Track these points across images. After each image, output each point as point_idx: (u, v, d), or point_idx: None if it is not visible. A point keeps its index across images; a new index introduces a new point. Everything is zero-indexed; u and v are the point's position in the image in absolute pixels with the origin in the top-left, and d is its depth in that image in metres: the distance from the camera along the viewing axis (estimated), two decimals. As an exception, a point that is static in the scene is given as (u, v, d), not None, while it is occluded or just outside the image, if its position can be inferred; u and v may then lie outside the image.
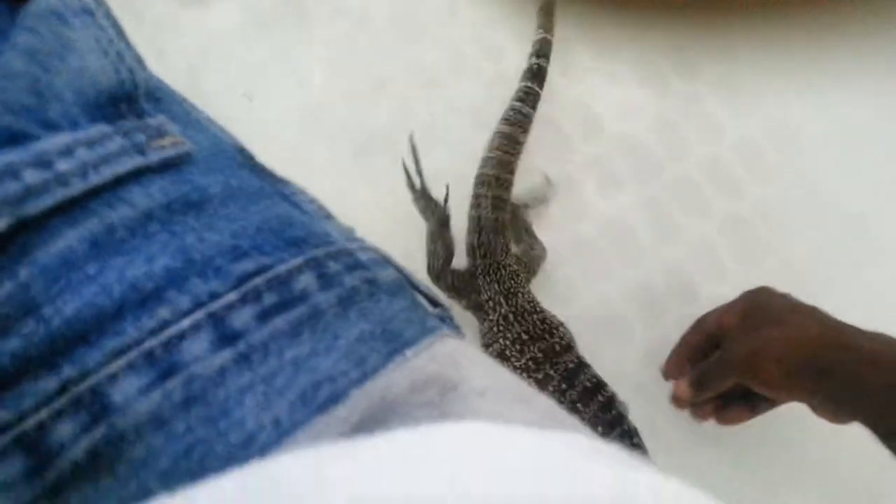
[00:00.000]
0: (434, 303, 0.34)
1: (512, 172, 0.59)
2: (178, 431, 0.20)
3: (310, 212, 0.30)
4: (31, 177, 0.21)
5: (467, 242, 0.58)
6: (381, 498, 0.17)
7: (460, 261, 0.58)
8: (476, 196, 0.58)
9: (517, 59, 0.65)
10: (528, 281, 0.58)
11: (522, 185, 0.62)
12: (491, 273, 0.56)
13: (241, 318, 0.23)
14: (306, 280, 0.25)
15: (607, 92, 0.70)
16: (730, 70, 0.72)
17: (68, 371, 0.20)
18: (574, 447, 0.21)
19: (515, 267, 0.57)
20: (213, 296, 0.23)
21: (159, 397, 0.21)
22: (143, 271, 0.22)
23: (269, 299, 0.24)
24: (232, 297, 0.23)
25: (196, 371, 0.21)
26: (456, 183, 0.57)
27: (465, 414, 0.24)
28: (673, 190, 0.68)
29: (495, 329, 0.54)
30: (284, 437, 0.21)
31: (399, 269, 0.33)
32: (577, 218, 0.66)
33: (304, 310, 0.24)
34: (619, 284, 0.64)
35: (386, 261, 0.31)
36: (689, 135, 0.70)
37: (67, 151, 0.22)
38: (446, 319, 0.33)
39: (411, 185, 0.58)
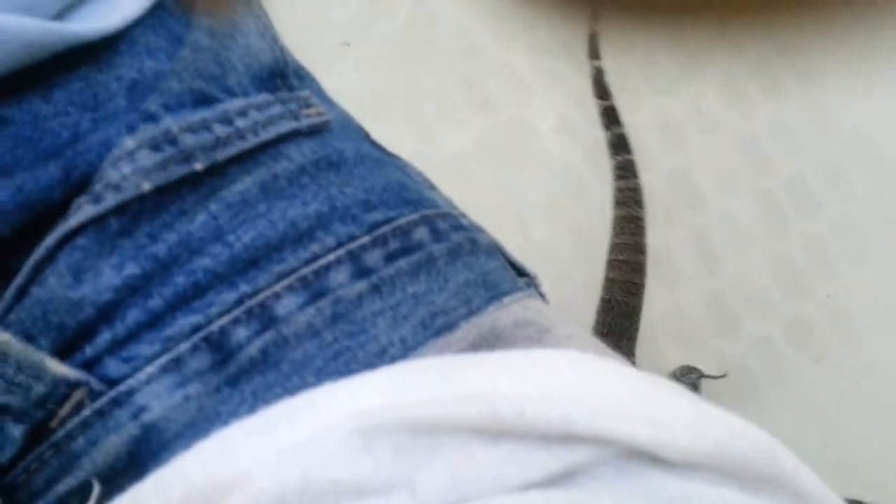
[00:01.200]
0: (521, 272, 0.38)
1: (642, 251, 0.58)
2: (328, 340, 0.25)
3: (418, 181, 0.34)
4: (219, 130, 0.26)
5: (595, 322, 0.57)
6: (501, 388, 0.22)
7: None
8: (608, 280, 0.58)
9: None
10: None
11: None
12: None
13: (373, 257, 0.27)
14: (422, 232, 0.29)
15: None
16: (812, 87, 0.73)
17: (244, 287, 0.25)
18: (658, 382, 0.25)
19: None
20: (351, 237, 0.27)
21: (314, 312, 0.25)
22: (299, 212, 0.27)
23: (394, 244, 0.28)
24: (366, 239, 0.27)
25: (341, 294, 0.26)
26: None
27: (562, 348, 0.28)
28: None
29: None
30: (410, 351, 0.26)
31: (494, 239, 0.37)
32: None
33: (422, 256, 0.28)
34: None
35: (482, 229, 0.35)
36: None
37: (243, 112, 0.27)
38: (532, 286, 0.37)
39: None
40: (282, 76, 0.30)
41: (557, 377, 0.23)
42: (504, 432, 0.20)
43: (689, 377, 0.58)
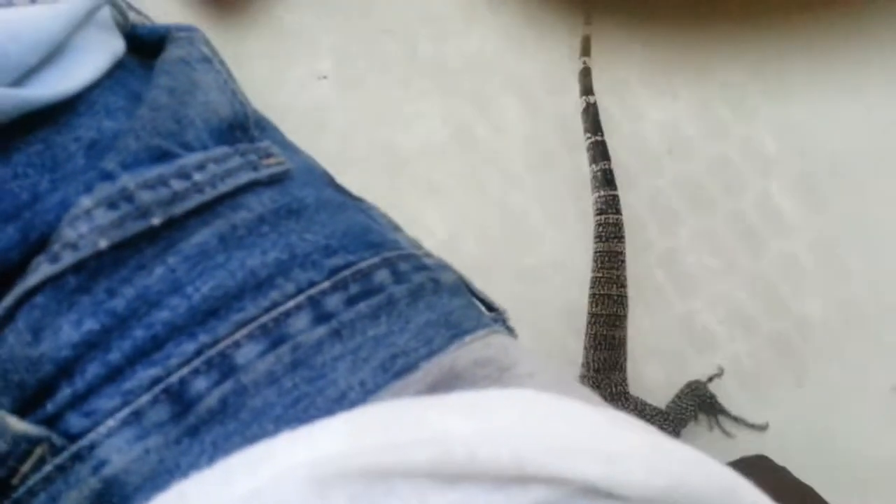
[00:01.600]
0: (489, 307, 0.38)
1: (623, 285, 0.59)
2: (287, 387, 0.25)
3: (382, 224, 0.35)
4: (176, 185, 0.26)
5: (584, 358, 0.58)
6: (454, 430, 0.22)
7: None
8: (591, 315, 0.59)
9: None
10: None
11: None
12: (602, 389, 0.55)
13: (333, 301, 0.28)
14: (383, 275, 0.30)
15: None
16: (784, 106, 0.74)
17: (203, 338, 0.25)
18: (615, 418, 0.25)
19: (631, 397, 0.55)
20: (311, 283, 0.28)
21: (273, 359, 0.26)
22: (258, 261, 0.27)
23: (354, 288, 0.29)
24: (326, 285, 0.28)
25: (300, 340, 0.26)
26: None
27: (522, 387, 0.28)
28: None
29: None
30: (370, 395, 0.26)
31: (459, 276, 0.38)
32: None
33: (382, 298, 0.29)
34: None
35: (447, 267, 0.36)
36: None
37: (201, 166, 0.27)
38: (500, 321, 0.38)
39: None
40: (242, 128, 0.31)
41: (511, 417, 0.23)
42: (458, 475, 0.21)
43: (698, 391, 0.58)
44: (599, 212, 0.60)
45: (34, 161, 0.25)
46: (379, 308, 0.29)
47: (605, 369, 0.56)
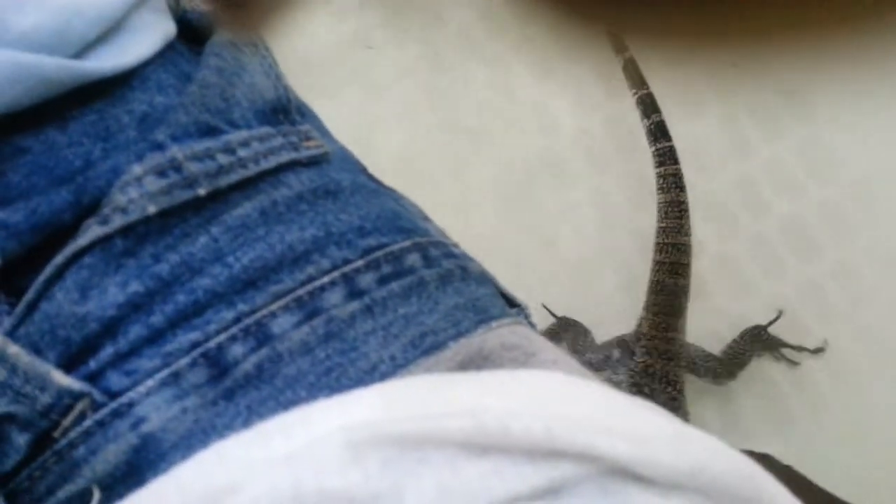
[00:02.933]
0: (512, 303, 0.39)
1: (687, 234, 0.60)
2: (321, 357, 0.26)
3: (412, 211, 0.36)
4: (222, 158, 0.27)
5: (646, 302, 0.60)
6: (487, 404, 0.22)
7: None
8: (656, 262, 0.60)
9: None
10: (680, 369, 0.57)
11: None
12: (658, 332, 0.57)
13: (366, 280, 0.29)
14: (414, 258, 0.31)
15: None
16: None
17: (241, 307, 0.26)
18: (641, 404, 0.26)
19: (679, 350, 0.56)
20: (346, 261, 0.29)
21: (308, 330, 0.26)
22: (296, 237, 0.28)
23: (387, 269, 0.29)
24: (360, 263, 0.29)
25: (334, 314, 0.27)
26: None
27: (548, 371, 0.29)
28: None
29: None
30: (400, 369, 0.26)
31: (484, 270, 0.38)
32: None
33: (413, 279, 0.30)
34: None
35: (473, 259, 0.36)
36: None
37: (245, 143, 0.28)
38: (522, 315, 0.38)
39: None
40: (284, 111, 0.32)
41: (542, 395, 0.23)
42: (490, 447, 0.21)
43: (760, 336, 0.60)
44: (659, 163, 0.61)
45: (88, 130, 0.26)
46: (410, 288, 0.29)
47: (665, 314, 0.57)
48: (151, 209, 0.25)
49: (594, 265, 0.68)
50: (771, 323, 0.62)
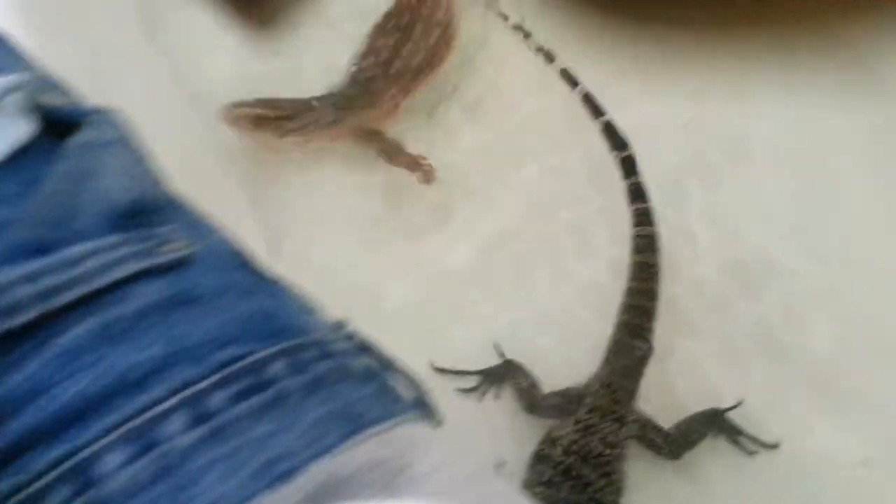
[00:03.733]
0: (414, 390, 0.37)
1: (654, 298, 0.59)
2: (152, 497, 0.24)
3: (292, 307, 0.34)
4: (53, 279, 0.26)
5: (603, 359, 0.58)
6: None
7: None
8: (619, 323, 0.59)
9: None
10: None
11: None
12: (613, 394, 0.55)
13: (216, 400, 0.27)
14: (278, 366, 0.29)
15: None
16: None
17: (61, 448, 0.24)
18: None
19: (632, 420, 0.55)
20: (192, 382, 0.27)
21: (138, 468, 0.24)
22: (135, 359, 0.26)
23: (243, 383, 0.28)
24: (210, 381, 0.27)
25: (168, 448, 0.25)
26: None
27: (411, 494, 0.27)
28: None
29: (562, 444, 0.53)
30: None
31: (380, 358, 0.36)
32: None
33: (273, 393, 0.28)
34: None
35: (363, 350, 0.34)
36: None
37: (85, 257, 0.27)
38: (423, 405, 0.36)
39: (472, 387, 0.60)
40: (145, 212, 0.31)
41: None
42: None
43: (715, 420, 0.58)
44: (635, 224, 0.62)
45: None
46: (266, 405, 0.27)
47: (621, 376, 0.56)
48: None
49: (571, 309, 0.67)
50: (729, 409, 0.60)
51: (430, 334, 0.64)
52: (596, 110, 0.67)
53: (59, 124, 0.32)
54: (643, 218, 0.62)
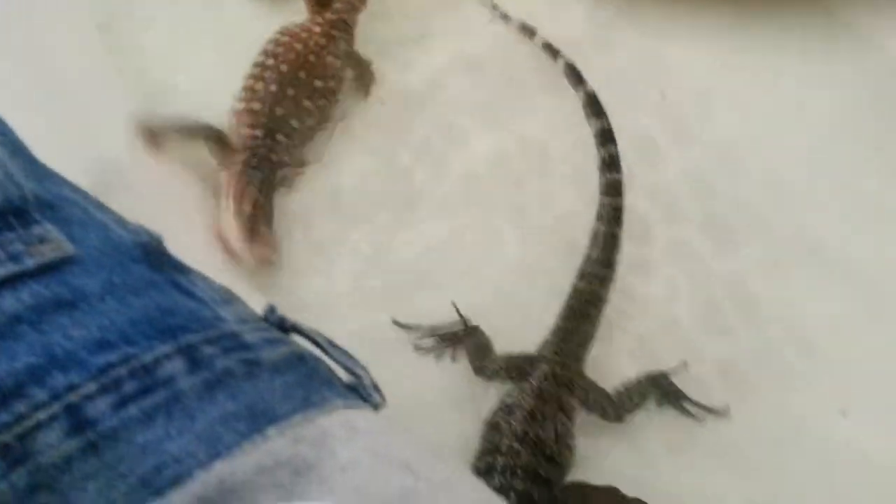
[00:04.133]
0: (351, 372, 0.35)
1: (612, 267, 0.59)
2: None
3: (204, 298, 0.31)
4: None
5: (554, 327, 0.58)
6: None
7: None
8: (575, 289, 0.58)
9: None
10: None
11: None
12: (561, 358, 0.55)
13: (97, 406, 0.25)
14: (173, 366, 0.27)
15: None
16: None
17: None
18: None
19: (582, 384, 0.55)
20: (71, 387, 0.25)
21: (5, 486, 0.22)
22: (4, 370, 0.24)
23: (129, 387, 0.25)
24: (91, 387, 0.25)
25: (42, 460, 0.23)
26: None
27: (317, 495, 0.25)
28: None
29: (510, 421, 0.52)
30: None
31: (313, 343, 0.34)
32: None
33: (164, 395, 0.26)
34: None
35: (283, 339, 0.32)
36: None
37: None
38: (360, 388, 0.34)
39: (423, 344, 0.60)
40: (15, 213, 0.28)
41: None
42: None
43: (660, 383, 0.58)
44: (604, 193, 0.61)
45: None
46: (156, 408, 0.25)
47: (568, 342, 0.57)
48: None
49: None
50: (674, 372, 0.59)
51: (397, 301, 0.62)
52: (578, 79, 0.66)
53: None
54: (614, 189, 0.61)
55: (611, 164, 0.62)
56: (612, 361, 0.60)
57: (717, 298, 0.64)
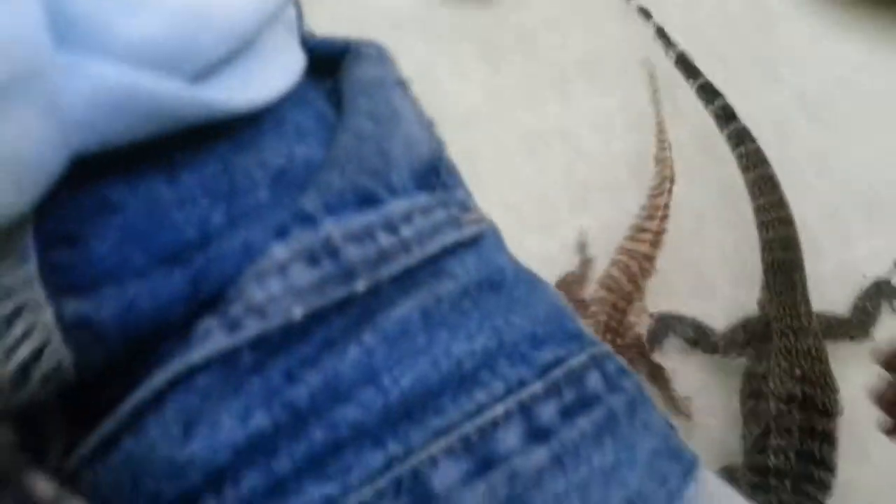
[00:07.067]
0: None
1: (785, 206, 0.58)
2: None
3: (566, 304, 0.28)
4: (384, 240, 0.20)
5: (763, 282, 0.57)
6: None
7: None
8: (765, 241, 0.58)
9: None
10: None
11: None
12: (784, 311, 0.54)
13: (547, 412, 0.21)
14: (595, 379, 0.23)
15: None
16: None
17: (393, 448, 0.19)
18: None
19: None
20: (521, 383, 0.21)
21: (484, 490, 0.19)
22: (464, 348, 0.21)
23: (569, 395, 0.22)
24: (538, 387, 0.21)
25: (517, 467, 0.19)
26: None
27: None
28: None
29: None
30: None
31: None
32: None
33: (602, 412, 0.22)
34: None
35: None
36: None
37: (407, 218, 0.21)
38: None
39: None
40: (436, 172, 0.25)
41: None
42: None
43: (882, 288, 0.59)
44: (735, 145, 0.60)
45: (207, 185, 0.19)
46: (601, 427, 0.22)
47: (788, 292, 0.56)
48: (298, 312, 0.18)
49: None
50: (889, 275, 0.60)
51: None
52: (667, 42, 0.65)
53: (310, 56, 0.27)
54: (742, 137, 0.60)
55: (725, 115, 0.61)
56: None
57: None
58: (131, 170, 0.18)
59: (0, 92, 0.15)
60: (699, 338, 0.57)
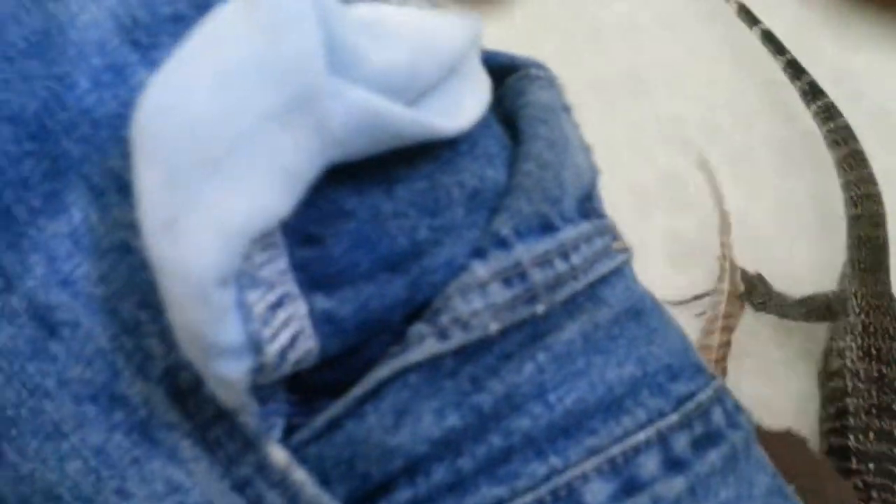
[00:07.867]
0: None
1: (874, 182, 0.57)
2: None
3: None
4: (560, 266, 0.22)
5: (848, 258, 0.56)
6: None
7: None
8: (852, 218, 0.57)
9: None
10: None
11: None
12: (867, 288, 0.53)
13: (681, 442, 0.23)
14: (718, 414, 0.25)
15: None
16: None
17: (553, 460, 0.21)
18: None
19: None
20: (661, 413, 0.23)
21: None
22: (615, 374, 0.23)
23: (698, 429, 0.24)
24: (673, 418, 0.23)
25: (659, 493, 0.21)
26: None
27: None
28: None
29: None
30: None
31: None
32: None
33: (726, 448, 0.24)
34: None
35: None
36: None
37: (576, 246, 0.23)
38: None
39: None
40: (591, 199, 0.27)
41: None
42: None
43: None
44: (823, 121, 0.60)
45: (416, 200, 0.21)
46: (726, 462, 0.24)
47: (872, 269, 0.55)
48: (494, 327, 0.20)
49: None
50: None
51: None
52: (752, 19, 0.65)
53: None
54: (830, 112, 0.59)
55: (812, 91, 0.60)
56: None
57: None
58: (357, 181, 0.20)
59: (285, 108, 0.17)
60: (769, 304, 0.56)
